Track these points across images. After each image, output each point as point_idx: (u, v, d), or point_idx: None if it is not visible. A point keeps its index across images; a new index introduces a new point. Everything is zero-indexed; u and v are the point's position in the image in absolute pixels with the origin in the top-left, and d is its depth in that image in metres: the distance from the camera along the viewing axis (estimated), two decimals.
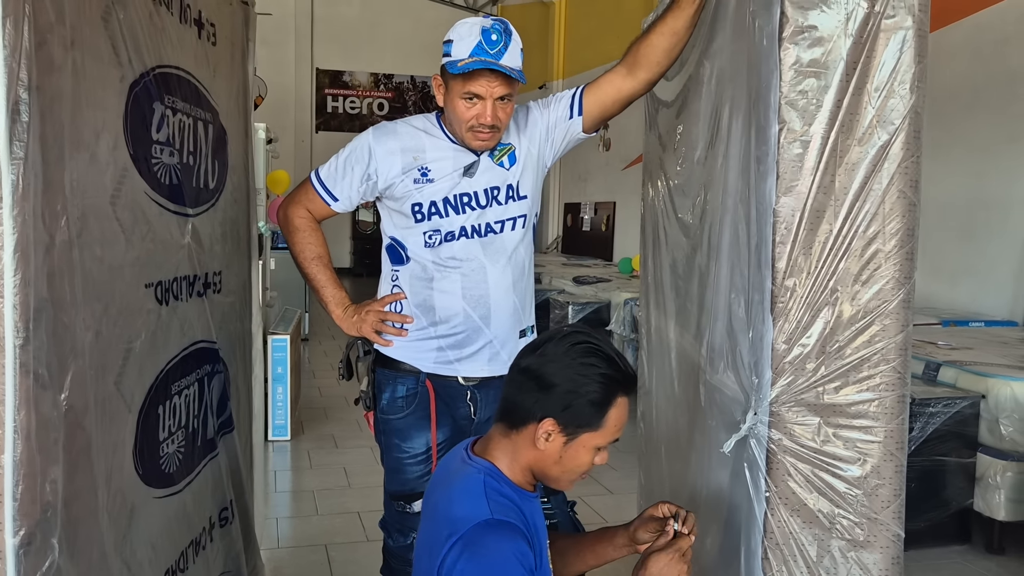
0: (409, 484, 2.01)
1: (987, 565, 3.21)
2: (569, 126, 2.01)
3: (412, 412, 2.00)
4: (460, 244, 1.95)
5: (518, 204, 1.98)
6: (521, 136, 2.00)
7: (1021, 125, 5.01)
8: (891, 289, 1.42)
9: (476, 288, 1.96)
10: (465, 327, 1.97)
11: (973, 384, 3.32)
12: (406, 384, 2.00)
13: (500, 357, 1.99)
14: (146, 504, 1.61)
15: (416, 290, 2.00)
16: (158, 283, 1.68)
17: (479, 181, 1.95)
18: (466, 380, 2.00)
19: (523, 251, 2.01)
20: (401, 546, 2.05)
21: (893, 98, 1.39)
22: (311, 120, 14.72)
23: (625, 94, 1.95)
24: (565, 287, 7.04)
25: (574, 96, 1.99)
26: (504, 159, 1.98)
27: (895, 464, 1.44)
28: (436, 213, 1.95)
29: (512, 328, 2.01)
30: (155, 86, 1.66)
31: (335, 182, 2.03)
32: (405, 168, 1.95)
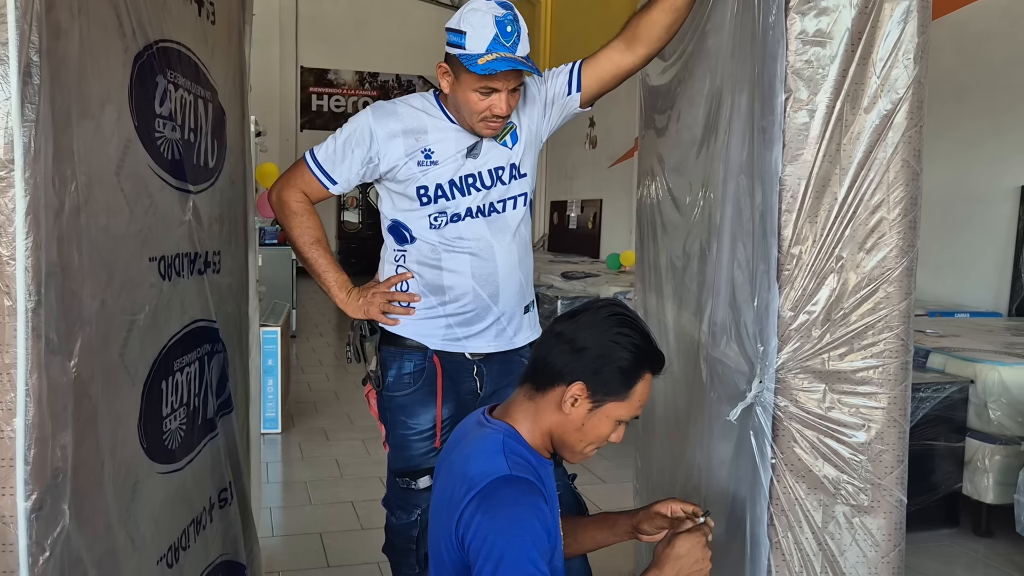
0: (414, 461, 2.01)
1: (975, 547, 3.25)
2: (567, 102, 2.01)
3: (419, 388, 2.00)
4: (466, 224, 1.96)
5: (520, 182, 2.00)
6: (521, 114, 2.00)
7: (1004, 119, 5.09)
8: (895, 257, 1.44)
9: (485, 267, 1.96)
10: (475, 305, 1.98)
11: (961, 369, 3.36)
12: (413, 360, 2.00)
13: (506, 333, 2.01)
14: (149, 478, 1.61)
15: (424, 270, 2.00)
16: (160, 257, 1.68)
17: (483, 162, 1.95)
18: (472, 355, 2.01)
19: (524, 228, 2.03)
20: (404, 523, 2.05)
21: (897, 68, 1.41)
22: (296, 119, 14.66)
23: (624, 69, 1.95)
24: (553, 283, 7.06)
25: (572, 71, 1.99)
26: (507, 138, 1.98)
27: (898, 430, 1.46)
28: (443, 196, 1.94)
29: (518, 304, 2.03)
30: (158, 60, 1.65)
31: (334, 165, 2.00)
32: (408, 151, 1.94)
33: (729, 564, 1.66)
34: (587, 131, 10.64)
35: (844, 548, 1.51)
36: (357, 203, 14.40)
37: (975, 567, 3.10)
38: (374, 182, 2.05)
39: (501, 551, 1.29)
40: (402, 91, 14.95)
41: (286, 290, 7.42)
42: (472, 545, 1.33)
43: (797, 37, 1.41)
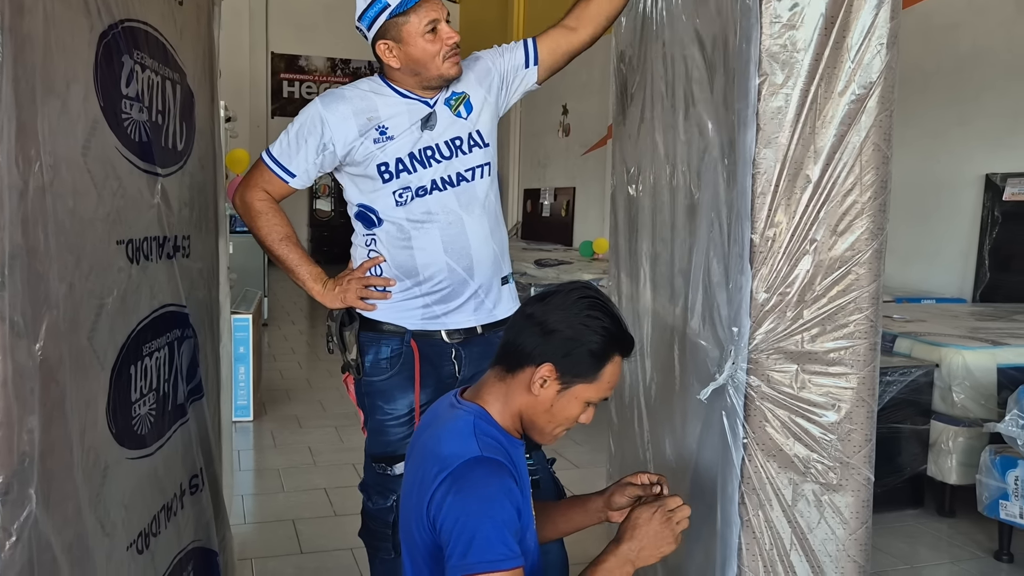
0: (391, 446, 2.01)
1: (939, 527, 3.32)
2: (525, 75, 2.04)
3: (397, 373, 1.99)
4: (434, 198, 1.95)
5: (483, 152, 1.99)
6: (475, 83, 2.00)
7: (970, 109, 5.17)
8: (866, 240, 1.46)
9: (456, 240, 1.96)
10: (450, 281, 1.97)
11: (927, 354, 3.42)
12: (390, 345, 1.99)
13: (485, 305, 2.01)
14: (119, 464, 1.59)
15: (394, 251, 1.99)
16: (128, 241, 1.66)
17: (439, 133, 1.95)
18: (450, 337, 2.00)
19: (493, 198, 2.03)
20: (381, 508, 2.05)
21: (870, 53, 1.43)
22: (266, 105, 14.46)
23: (573, 47, 2.03)
24: (527, 270, 7.06)
25: (528, 46, 2.03)
26: (461, 108, 1.98)
27: (867, 410, 1.49)
28: (404, 170, 1.94)
29: (494, 275, 2.02)
30: (124, 39, 1.62)
31: (290, 158, 1.99)
32: (362, 130, 1.93)
33: (701, 542, 1.68)
34: (560, 119, 10.63)
35: (813, 526, 1.54)
36: (329, 191, 14.28)
37: (939, 546, 3.17)
38: (334, 171, 2.03)
39: (472, 531, 1.30)
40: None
41: (258, 278, 7.35)
42: (444, 526, 1.33)
43: (772, 21, 1.42)
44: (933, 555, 3.09)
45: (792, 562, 1.55)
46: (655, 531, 1.43)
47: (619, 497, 1.60)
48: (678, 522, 1.45)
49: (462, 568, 1.30)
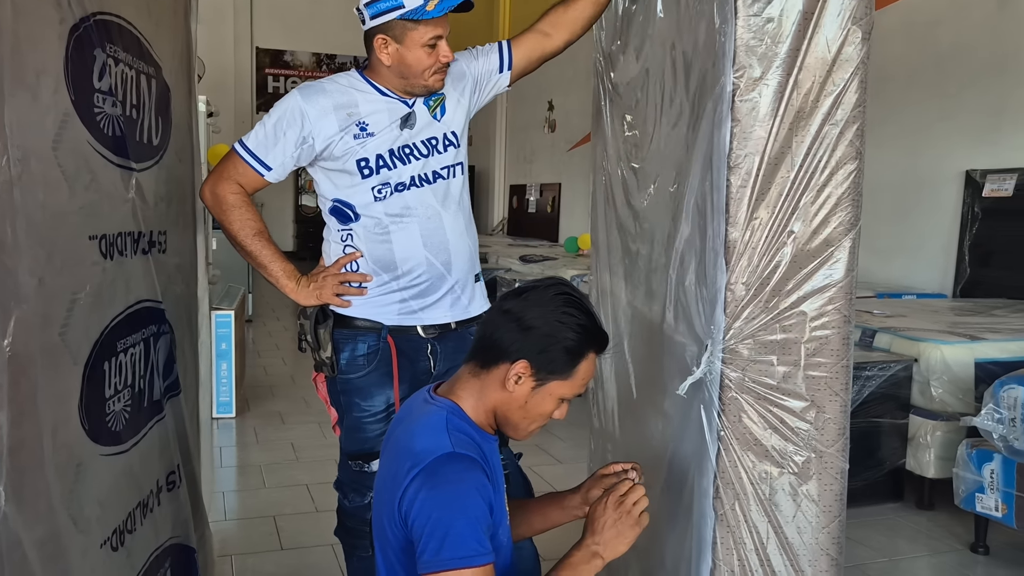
0: (368, 443, 1.99)
1: (918, 520, 3.35)
2: (498, 80, 2.08)
3: (374, 370, 1.98)
4: (412, 193, 1.96)
5: (456, 152, 2.03)
6: (450, 86, 2.02)
7: (952, 105, 5.20)
8: (841, 233, 1.47)
9: (435, 235, 1.97)
10: (429, 275, 1.97)
11: (906, 349, 3.45)
12: (367, 342, 1.98)
13: (461, 301, 2.03)
14: (93, 460, 1.58)
15: (372, 246, 1.97)
16: (102, 236, 1.64)
17: (417, 132, 1.97)
18: (426, 332, 2.00)
19: (466, 197, 2.07)
20: (358, 506, 2.04)
21: (847, 47, 1.43)
22: (252, 101, 14.37)
23: (547, 52, 2.06)
24: (512, 266, 7.06)
25: (502, 50, 2.06)
26: (437, 110, 2.00)
27: (841, 402, 1.50)
28: (384, 166, 1.94)
29: (470, 272, 2.04)
30: (96, 32, 1.61)
31: (267, 150, 1.95)
32: (342, 126, 1.92)
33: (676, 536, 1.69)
34: (546, 115, 10.63)
35: (789, 518, 1.55)
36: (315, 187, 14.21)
37: (917, 538, 3.20)
38: (307, 166, 2.01)
39: (445, 528, 1.30)
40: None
41: (242, 274, 7.31)
42: (416, 522, 1.33)
43: (749, 16, 1.43)
44: (911, 548, 3.11)
45: (768, 555, 1.56)
46: (612, 520, 1.44)
47: (596, 491, 1.61)
48: (635, 503, 1.45)
49: (435, 564, 1.30)
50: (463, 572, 1.29)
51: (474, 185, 13.46)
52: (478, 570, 1.30)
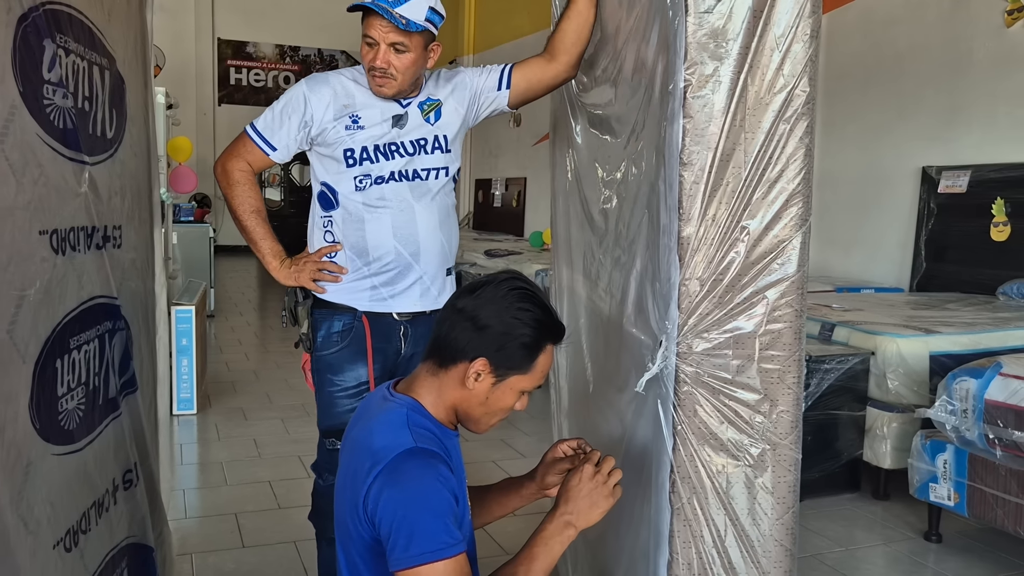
0: (339, 418, 2.08)
1: (874, 510, 3.42)
2: (496, 97, 2.17)
3: (347, 346, 2.10)
4: (389, 187, 2.06)
5: (444, 156, 2.13)
6: (449, 95, 2.14)
7: (908, 103, 5.31)
8: (792, 229, 1.49)
9: (405, 227, 2.07)
10: (397, 264, 2.08)
11: (864, 342, 3.52)
12: (343, 320, 2.11)
13: (430, 292, 2.12)
14: (44, 460, 1.55)
15: (348, 233, 2.10)
16: (53, 231, 1.61)
17: (407, 133, 2.08)
18: (400, 315, 2.11)
19: (446, 197, 2.15)
20: (330, 485, 2.07)
21: (796, 44, 1.46)
22: (213, 93, 14.16)
23: (549, 76, 2.13)
24: (477, 260, 7.06)
25: (503, 70, 2.17)
26: (431, 114, 2.11)
27: (794, 394, 1.52)
28: (367, 159, 2.06)
29: (440, 265, 2.13)
30: (45, 22, 1.57)
31: (273, 132, 2.11)
32: (337, 115, 2.06)
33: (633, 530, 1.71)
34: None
35: (745, 510, 1.57)
36: (279, 180, 14.07)
37: (873, 528, 3.26)
38: (307, 150, 2.16)
39: (412, 523, 1.30)
40: (324, 66, 14.61)
41: (203, 268, 7.22)
42: (383, 520, 1.33)
43: (700, 13, 1.44)
44: (867, 537, 3.18)
45: (726, 547, 1.58)
46: (588, 489, 1.46)
47: (552, 476, 1.63)
48: (610, 474, 1.47)
49: (406, 560, 1.30)
50: (436, 565, 1.30)
51: None
52: (450, 561, 1.30)
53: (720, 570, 1.56)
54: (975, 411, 2.75)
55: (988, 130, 4.83)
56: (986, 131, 4.84)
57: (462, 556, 1.33)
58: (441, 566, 1.30)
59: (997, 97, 4.76)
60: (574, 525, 1.46)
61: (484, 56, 11.67)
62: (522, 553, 1.43)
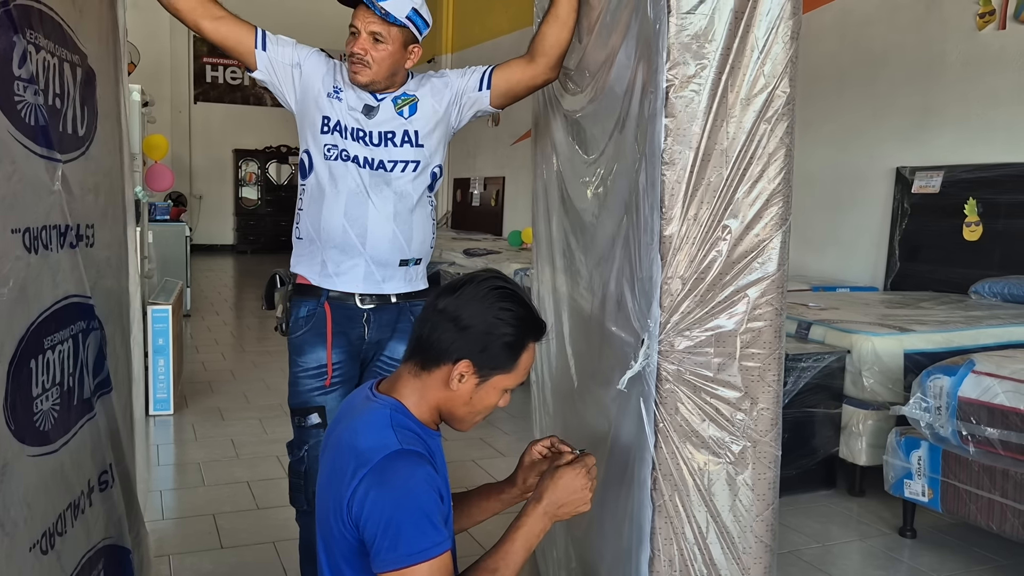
0: (303, 397, 2.19)
1: (849, 506, 3.46)
2: (477, 97, 2.20)
3: (309, 330, 2.18)
4: (352, 168, 2.12)
5: (414, 150, 2.14)
6: (428, 92, 2.18)
7: (883, 104, 5.37)
8: (772, 228, 1.51)
9: (357, 209, 2.12)
10: (342, 242, 2.13)
11: (839, 340, 3.55)
12: (308, 306, 2.19)
13: (374, 277, 2.16)
14: (19, 461, 1.52)
15: (310, 204, 2.18)
16: (26, 229, 1.58)
17: (376, 124, 2.13)
18: (363, 302, 2.16)
19: (412, 191, 2.16)
20: (295, 460, 2.24)
21: (776, 45, 1.46)
22: (189, 90, 14.02)
23: (529, 76, 2.16)
24: (455, 260, 7.05)
25: (485, 71, 2.21)
26: (405, 108, 2.15)
27: (774, 391, 1.54)
28: (338, 130, 2.13)
29: (389, 253, 2.15)
30: (14, 19, 1.55)
31: (276, 42, 2.18)
32: (324, 83, 2.17)
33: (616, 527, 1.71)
34: None
35: (726, 507, 1.58)
36: (256, 179, 13.96)
37: (848, 524, 3.30)
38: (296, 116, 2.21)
39: (399, 524, 1.30)
40: None
41: (179, 267, 7.14)
42: (368, 522, 1.32)
43: (682, 14, 1.45)
44: (843, 533, 3.22)
45: (707, 544, 1.59)
46: (574, 489, 1.47)
47: (532, 479, 1.65)
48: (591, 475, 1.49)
49: (392, 562, 1.30)
50: (422, 567, 1.29)
51: None
52: (435, 561, 1.30)
53: (701, 566, 1.57)
54: (949, 408, 2.79)
55: (961, 131, 4.90)
56: (959, 132, 4.91)
57: (446, 554, 1.33)
58: (426, 567, 1.30)
59: (969, 99, 4.83)
60: (552, 516, 1.46)
61: (462, 55, 11.66)
62: (500, 545, 1.43)
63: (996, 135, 4.69)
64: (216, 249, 13.54)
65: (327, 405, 2.18)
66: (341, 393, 2.18)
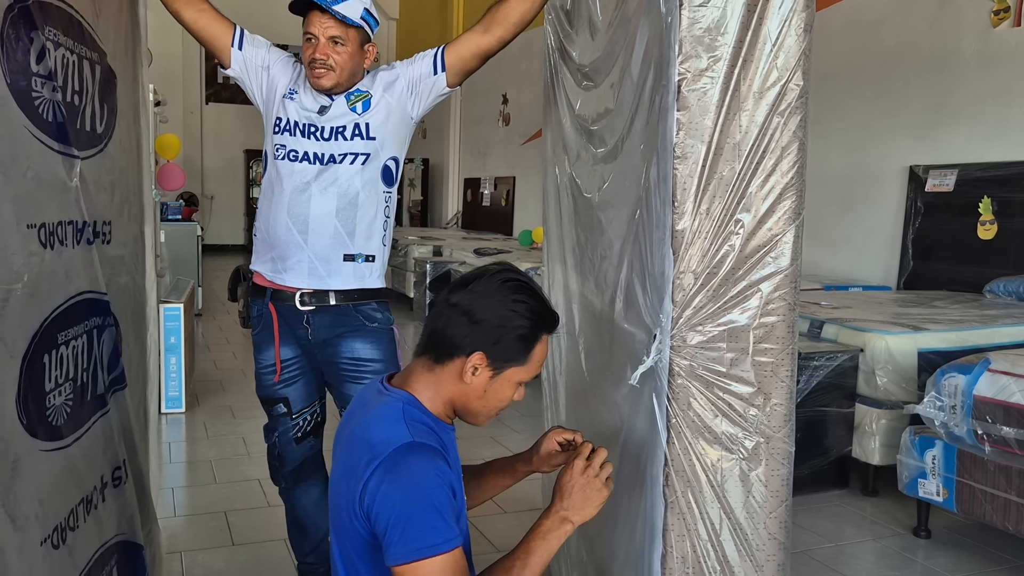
0: (265, 390, 2.32)
1: (862, 506, 3.44)
2: (434, 81, 2.20)
3: (262, 329, 2.29)
4: (299, 166, 2.16)
5: (364, 143, 2.17)
6: (381, 88, 2.19)
7: (895, 102, 5.34)
8: (785, 222, 1.50)
9: (299, 206, 2.16)
10: (286, 239, 2.18)
11: (852, 339, 3.53)
12: (257, 305, 2.29)
13: (318, 272, 2.18)
14: (32, 456, 1.53)
15: (263, 206, 2.24)
16: (42, 225, 1.59)
17: (328, 119, 2.16)
18: (302, 304, 2.19)
19: (358, 185, 2.17)
20: (269, 445, 2.38)
21: (789, 38, 1.46)
22: (201, 91, 14.09)
23: (483, 50, 2.16)
24: (466, 259, 7.06)
25: (436, 55, 2.20)
26: (358, 104, 2.17)
27: (787, 387, 1.53)
28: (288, 130, 2.18)
29: (332, 248, 2.18)
30: (33, 15, 1.56)
31: (252, 42, 2.26)
32: (286, 86, 2.23)
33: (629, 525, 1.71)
34: (500, 108, 10.62)
35: (739, 503, 1.57)
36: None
37: (862, 524, 3.28)
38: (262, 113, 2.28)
39: (410, 517, 1.30)
40: None
41: (191, 267, 7.18)
42: (379, 515, 1.32)
43: (694, 7, 1.44)
44: (856, 533, 3.19)
45: (721, 541, 1.58)
46: (580, 485, 1.46)
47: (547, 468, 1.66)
48: (601, 467, 1.49)
49: (404, 555, 1.29)
50: (433, 560, 1.29)
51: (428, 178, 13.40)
52: (447, 556, 1.30)
53: (714, 563, 1.56)
54: (964, 407, 2.77)
55: (975, 129, 4.86)
56: (973, 130, 4.88)
57: (459, 551, 1.32)
58: (439, 561, 1.29)
59: (984, 96, 4.80)
60: (571, 520, 1.46)
61: None
62: (519, 548, 1.42)
63: (1011, 133, 4.65)
64: (227, 249, 13.60)
65: (289, 396, 2.29)
66: (302, 384, 2.30)
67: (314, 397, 2.33)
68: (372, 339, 2.23)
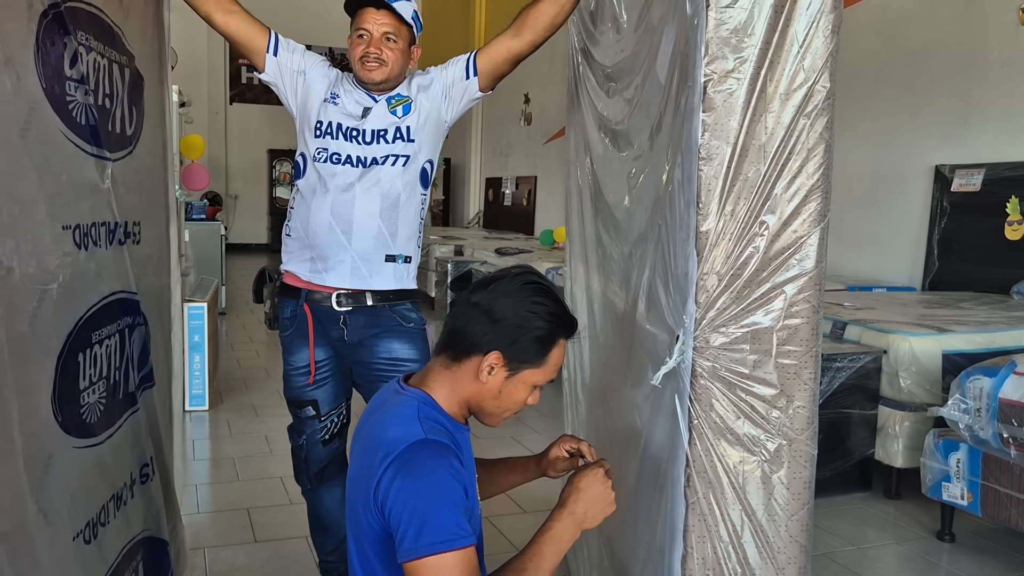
0: (294, 392, 2.32)
1: (885, 509, 3.41)
2: (466, 86, 2.24)
3: (294, 330, 2.28)
4: (342, 168, 2.18)
5: (405, 145, 2.21)
6: (419, 92, 2.24)
7: (921, 100, 5.28)
8: (810, 224, 1.49)
9: (343, 206, 2.18)
10: (329, 239, 2.19)
11: (876, 340, 3.51)
12: (290, 306, 2.28)
13: (361, 272, 2.20)
14: (65, 452, 1.56)
15: (301, 203, 2.24)
16: (76, 226, 1.62)
17: (369, 123, 2.20)
18: (339, 305, 2.20)
19: (399, 186, 2.20)
20: (295, 446, 2.39)
21: (816, 40, 1.45)
22: (225, 91, 14.21)
23: (514, 54, 2.19)
24: (487, 259, 7.07)
25: (469, 60, 2.24)
26: (399, 108, 2.22)
27: (810, 389, 1.52)
28: (330, 133, 2.21)
29: (375, 249, 2.20)
30: (66, 20, 1.59)
31: (287, 48, 2.27)
32: (325, 91, 2.26)
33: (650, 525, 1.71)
34: (522, 108, 10.63)
35: (761, 505, 1.57)
36: (290, 179, 14.10)
37: (885, 527, 3.25)
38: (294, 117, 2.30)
39: (423, 513, 1.31)
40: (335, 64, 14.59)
41: (215, 266, 7.26)
42: (393, 510, 1.33)
43: (721, 8, 1.44)
44: (879, 536, 3.17)
45: (742, 543, 1.58)
46: (596, 493, 1.48)
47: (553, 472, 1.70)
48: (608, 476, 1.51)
49: (416, 551, 1.30)
50: (445, 556, 1.29)
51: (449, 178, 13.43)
52: (459, 552, 1.30)
53: (735, 565, 1.56)
54: (989, 410, 2.74)
55: (1002, 128, 4.80)
56: (1000, 129, 4.81)
57: (471, 548, 1.33)
58: (451, 557, 1.30)
59: (1012, 95, 4.73)
60: (580, 525, 1.47)
61: None
62: (529, 549, 1.43)
63: None
64: (251, 248, 13.71)
65: (319, 398, 2.30)
66: (332, 386, 2.30)
67: (341, 399, 2.35)
68: (408, 339, 2.26)
